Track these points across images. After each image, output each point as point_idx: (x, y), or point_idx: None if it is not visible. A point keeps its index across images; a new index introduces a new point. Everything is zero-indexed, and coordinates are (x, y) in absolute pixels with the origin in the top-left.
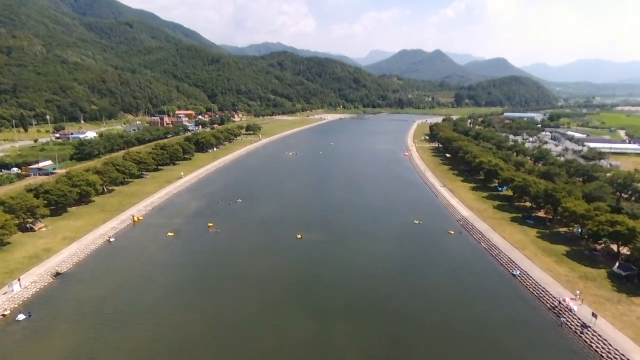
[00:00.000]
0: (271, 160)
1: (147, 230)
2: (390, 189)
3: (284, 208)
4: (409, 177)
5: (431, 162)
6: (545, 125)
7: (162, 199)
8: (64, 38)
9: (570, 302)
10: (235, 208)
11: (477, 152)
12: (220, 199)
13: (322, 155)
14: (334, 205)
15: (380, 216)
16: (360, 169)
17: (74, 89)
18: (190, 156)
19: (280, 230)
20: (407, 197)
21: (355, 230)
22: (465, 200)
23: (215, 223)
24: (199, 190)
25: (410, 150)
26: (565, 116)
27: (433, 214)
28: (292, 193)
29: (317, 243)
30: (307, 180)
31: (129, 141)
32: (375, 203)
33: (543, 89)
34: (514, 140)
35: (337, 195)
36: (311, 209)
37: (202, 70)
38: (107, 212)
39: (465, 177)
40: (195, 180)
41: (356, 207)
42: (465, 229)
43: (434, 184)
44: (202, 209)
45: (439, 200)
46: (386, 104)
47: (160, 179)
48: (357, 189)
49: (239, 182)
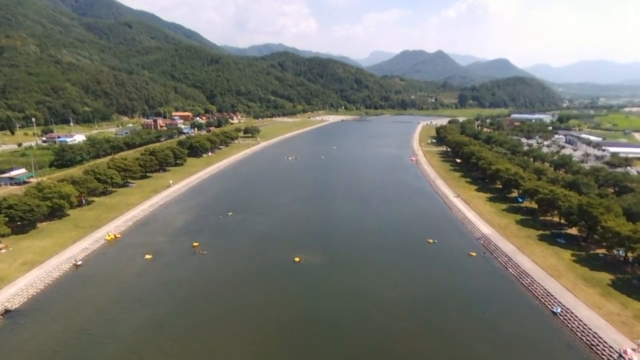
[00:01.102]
0: (269, 166)
1: (122, 252)
2: (398, 200)
3: (281, 222)
4: (417, 186)
5: (440, 167)
6: (556, 128)
7: (146, 211)
8: (60, 38)
9: (633, 354)
10: (225, 223)
11: (491, 158)
12: (210, 212)
13: (323, 160)
14: (336, 219)
15: (389, 233)
16: (365, 175)
17: (66, 90)
18: (182, 161)
19: (275, 251)
20: (417, 209)
21: (361, 252)
22: (483, 213)
23: (202, 242)
24: (187, 200)
25: (416, 154)
26: (573, 117)
27: (448, 230)
28: (291, 204)
29: (318, 268)
30: (307, 189)
31: (116, 145)
32: (382, 216)
33: (548, 89)
34: (528, 144)
35: (340, 206)
36: (311, 224)
37: (200, 71)
38: (81, 229)
39: (479, 185)
40: (184, 189)
41: (361, 222)
42: (487, 249)
43: (446, 194)
44: (189, 224)
45: (454, 213)
46: (388, 105)
47: (147, 188)
48: (361, 199)
49: (233, 191)
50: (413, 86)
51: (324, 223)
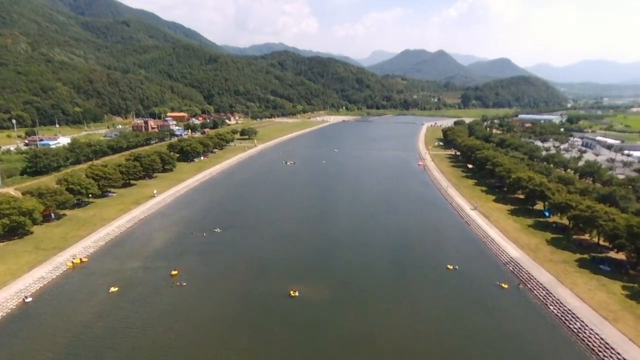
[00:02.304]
0: (265, 172)
1: (84, 282)
2: (407, 213)
3: (275, 241)
4: (428, 195)
5: (451, 174)
6: (568, 129)
7: (122, 228)
8: (55, 36)
9: None
10: (211, 242)
11: (510, 165)
12: (195, 228)
13: (324, 166)
14: (339, 237)
15: (400, 256)
16: (369, 183)
17: (56, 90)
18: (172, 167)
19: (267, 280)
20: (430, 224)
21: (369, 281)
22: (507, 230)
23: (182, 269)
24: (172, 214)
25: (423, 158)
26: (583, 118)
27: (469, 252)
28: (287, 218)
29: (317, 305)
30: (306, 200)
31: (99, 150)
32: (391, 233)
33: (552, 89)
34: (545, 148)
35: (343, 221)
36: (310, 244)
37: (198, 70)
38: (42, 251)
39: (497, 194)
40: (170, 199)
41: (367, 241)
42: (520, 279)
43: (461, 206)
44: (169, 244)
45: (472, 230)
46: (390, 104)
47: (128, 199)
48: (367, 211)
49: (223, 201)
50: (415, 86)
51: (325, 242)
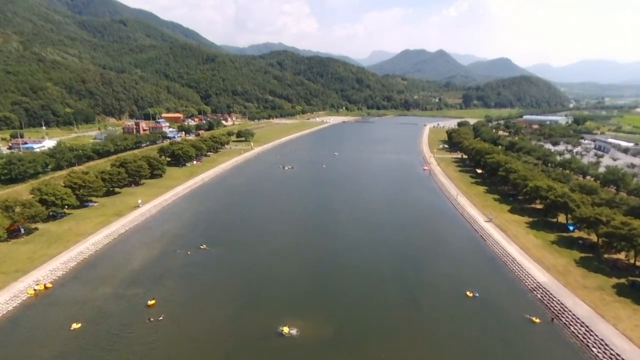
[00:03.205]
0: (261, 178)
1: (43, 316)
2: (415, 225)
3: (267, 262)
4: (436, 204)
5: (459, 180)
6: (577, 131)
7: (98, 245)
8: (50, 35)
9: None
10: (196, 262)
11: (525, 172)
12: (180, 245)
13: (324, 171)
14: (341, 256)
15: (411, 280)
16: (373, 190)
17: (46, 90)
18: (161, 172)
19: (257, 313)
20: (441, 239)
21: (376, 315)
22: (529, 247)
23: (160, 297)
24: (156, 227)
25: (428, 162)
26: (589, 119)
27: (489, 274)
28: (283, 232)
29: (314, 347)
30: (305, 210)
31: (83, 154)
32: (399, 252)
33: (554, 89)
34: (559, 152)
35: (345, 236)
36: (308, 265)
37: (195, 70)
38: (1, 275)
39: (512, 204)
40: (156, 210)
41: (373, 261)
42: (553, 311)
43: (474, 217)
44: (149, 265)
45: (489, 246)
46: (391, 105)
47: (110, 209)
48: (371, 224)
49: (214, 212)
50: (415, 86)
51: (325, 263)
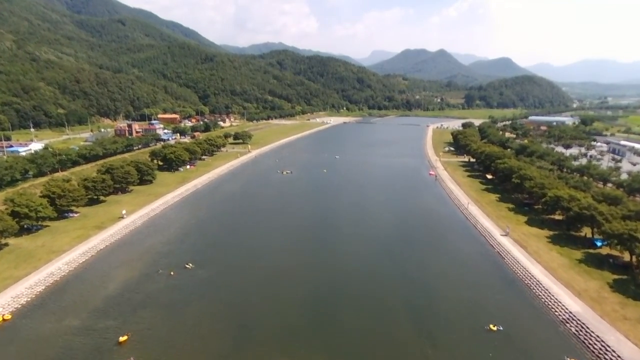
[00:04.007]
0: (257, 184)
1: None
2: (425, 240)
3: (260, 286)
4: (446, 214)
5: (468, 186)
6: (588, 133)
7: (73, 264)
8: (46, 35)
9: None
10: (180, 285)
11: (542, 179)
12: (164, 264)
13: (324, 176)
14: (342, 280)
15: (422, 308)
16: (377, 198)
17: (39, 90)
18: (151, 178)
19: (245, 351)
20: (454, 257)
21: (385, 352)
22: (553, 267)
23: (135, 331)
24: (139, 241)
25: (434, 166)
26: (596, 119)
27: (512, 301)
28: (279, 248)
29: None
30: (304, 222)
31: (68, 160)
32: (407, 272)
33: (557, 89)
34: (574, 156)
35: (347, 255)
36: (306, 290)
37: (194, 69)
38: None
39: (528, 214)
40: (141, 221)
41: (379, 285)
42: (593, 351)
43: (489, 230)
44: (127, 289)
45: (508, 265)
46: (392, 105)
47: (91, 221)
48: (376, 239)
49: (204, 224)
50: (417, 85)
51: (325, 287)
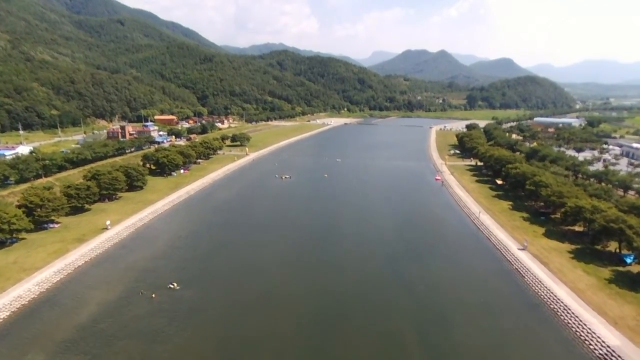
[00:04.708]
0: (254, 190)
1: None
2: (436, 254)
3: (251, 312)
4: (456, 224)
5: (478, 192)
6: (599, 135)
7: (45, 284)
8: (42, 34)
9: None
10: (161, 310)
11: (559, 187)
12: (147, 284)
13: (325, 181)
14: (346, 307)
15: (439, 340)
16: (382, 206)
17: (31, 91)
18: (142, 184)
19: None
20: (470, 277)
21: None
22: (581, 288)
23: None
24: (122, 257)
25: (440, 170)
26: (603, 121)
27: (538, 330)
28: (273, 264)
29: None
30: (302, 234)
31: (52, 165)
32: (419, 295)
33: (560, 89)
34: (588, 160)
35: (351, 274)
36: (302, 319)
37: (192, 70)
38: None
39: (546, 225)
40: (127, 233)
41: (388, 313)
42: None
43: (505, 243)
44: (102, 316)
45: (529, 285)
46: (394, 106)
47: (73, 232)
48: (383, 257)
49: (194, 236)
50: (418, 86)
51: (326, 316)
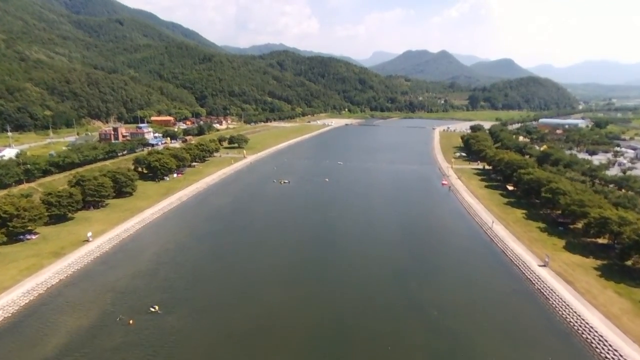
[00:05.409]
0: (250, 196)
1: None
2: (446, 270)
3: (243, 340)
4: (467, 236)
5: (488, 199)
6: (610, 138)
7: (10, 308)
8: (39, 34)
9: None
10: (137, 340)
11: (579, 195)
12: (126, 307)
13: (326, 186)
14: (349, 336)
15: None
16: (387, 214)
17: (24, 91)
18: (131, 190)
19: None
20: (484, 295)
21: None
22: (615, 313)
23: None
24: (101, 274)
25: (447, 174)
26: (610, 122)
27: None
28: (267, 285)
29: None
30: (300, 246)
31: (35, 170)
32: (430, 321)
33: (563, 90)
34: (604, 165)
35: (354, 296)
36: (298, 345)
37: (191, 70)
38: None
39: (565, 237)
40: (109, 245)
41: (394, 340)
42: None
43: (523, 258)
44: (69, 349)
45: (556, 310)
46: (395, 107)
47: (49, 246)
48: (390, 274)
49: (182, 250)
50: (419, 87)
51: (324, 347)
